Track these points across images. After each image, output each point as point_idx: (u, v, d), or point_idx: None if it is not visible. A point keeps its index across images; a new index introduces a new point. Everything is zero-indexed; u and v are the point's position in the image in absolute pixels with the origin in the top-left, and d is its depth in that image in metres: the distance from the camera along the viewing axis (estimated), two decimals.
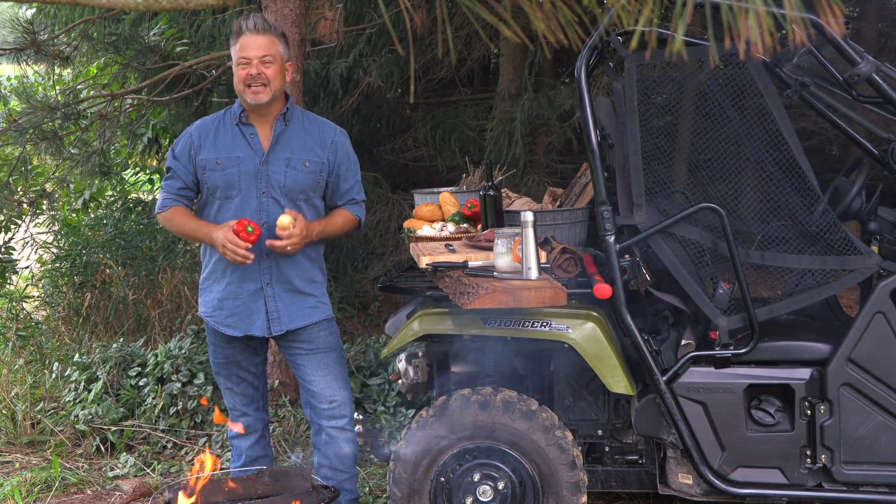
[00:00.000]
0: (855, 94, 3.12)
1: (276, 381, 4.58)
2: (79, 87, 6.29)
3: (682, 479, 3.07)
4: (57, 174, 6.15)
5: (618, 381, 2.98)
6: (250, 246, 2.87)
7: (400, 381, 3.42)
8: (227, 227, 2.89)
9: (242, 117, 3.04)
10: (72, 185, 6.83)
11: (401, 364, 3.40)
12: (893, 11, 6.68)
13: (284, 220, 2.90)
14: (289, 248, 2.91)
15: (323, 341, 3.12)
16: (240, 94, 3.01)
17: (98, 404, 4.56)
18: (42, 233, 6.62)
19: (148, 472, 4.16)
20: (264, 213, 3.00)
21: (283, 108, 3.05)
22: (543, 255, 3.05)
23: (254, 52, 2.95)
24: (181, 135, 3.13)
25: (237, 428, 3.21)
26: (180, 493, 2.63)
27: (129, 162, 7.49)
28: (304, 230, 2.93)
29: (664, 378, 2.97)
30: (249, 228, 2.85)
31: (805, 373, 2.96)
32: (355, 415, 3.23)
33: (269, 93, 2.97)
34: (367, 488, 3.81)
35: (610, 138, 3.18)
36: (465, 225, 3.63)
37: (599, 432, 3.28)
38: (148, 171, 7.69)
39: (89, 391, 4.68)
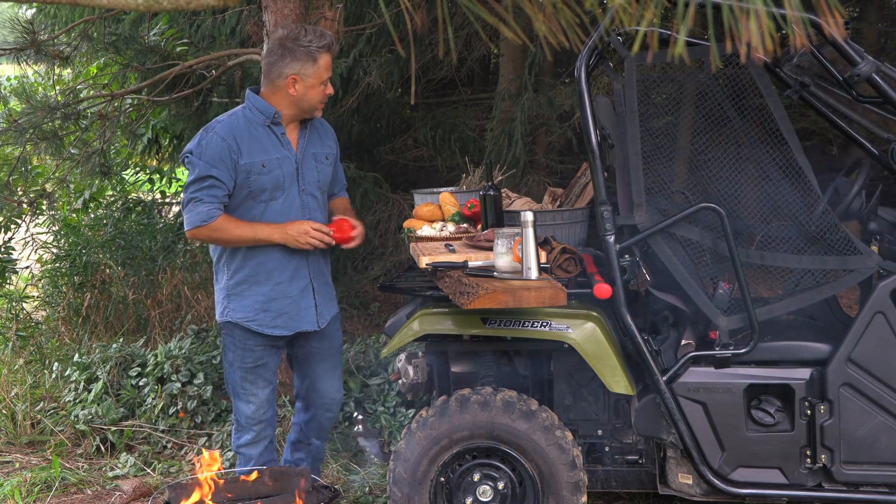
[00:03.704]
0: (855, 94, 3.12)
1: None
2: (79, 87, 6.29)
3: (682, 479, 3.07)
4: (57, 174, 6.16)
5: (618, 381, 2.98)
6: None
7: (400, 381, 3.42)
8: (299, 222, 3.03)
9: (276, 118, 3.05)
10: (72, 185, 6.83)
11: (401, 364, 3.40)
12: (893, 11, 6.68)
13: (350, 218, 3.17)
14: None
15: (337, 339, 3.34)
16: (311, 109, 3.07)
17: (98, 404, 4.56)
18: (42, 233, 6.62)
19: (148, 472, 4.16)
20: (306, 210, 3.11)
21: None
22: (543, 255, 3.05)
23: (330, 72, 3.06)
24: (205, 141, 2.98)
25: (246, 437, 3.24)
26: (180, 495, 2.63)
27: (129, 162, 7.50)
28: None
29: (664, 378, 2.97)
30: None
31: (805, 373, 2.96)
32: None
33: None
34: (367, 488, 3.80)
35: (610, 138, 3.18)
36: (465, 225, 3.63)
37: (599, 432, 3.28)
38: (148, 171, 7.69)
39: (89, 391, 4.68)
